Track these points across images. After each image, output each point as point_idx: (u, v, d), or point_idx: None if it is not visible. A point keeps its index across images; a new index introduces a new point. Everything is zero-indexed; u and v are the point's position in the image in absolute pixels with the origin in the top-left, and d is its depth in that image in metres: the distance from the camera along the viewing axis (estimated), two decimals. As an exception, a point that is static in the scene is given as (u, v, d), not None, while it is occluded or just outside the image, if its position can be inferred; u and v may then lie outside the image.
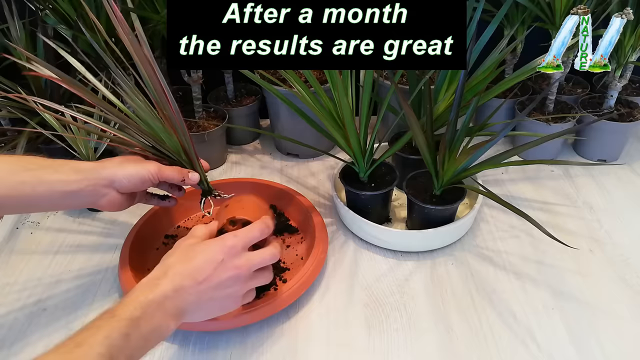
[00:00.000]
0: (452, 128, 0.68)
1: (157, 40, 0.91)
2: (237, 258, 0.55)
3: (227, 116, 0.96)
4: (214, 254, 0.54)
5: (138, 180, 0.62)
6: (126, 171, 0.61)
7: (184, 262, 0.53)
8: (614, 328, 0.64)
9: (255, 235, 0.58)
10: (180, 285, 0.51)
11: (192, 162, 0.68)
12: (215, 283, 0.53)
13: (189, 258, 0.53)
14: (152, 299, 0.48)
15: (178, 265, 0.52)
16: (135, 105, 0.65)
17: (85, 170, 0.60)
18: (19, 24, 0.86)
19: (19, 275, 0.75)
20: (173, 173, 0.64)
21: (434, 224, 0.73)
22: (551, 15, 0.84)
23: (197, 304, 0.52)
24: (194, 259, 0.53)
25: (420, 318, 0.67)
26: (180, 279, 0.51)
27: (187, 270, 0.52)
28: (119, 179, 0.61)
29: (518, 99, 0.98)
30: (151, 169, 0.62)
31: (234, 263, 0.54)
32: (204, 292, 0.52)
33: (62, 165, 0.59)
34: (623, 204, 0.86)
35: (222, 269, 0.53)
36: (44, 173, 0.57)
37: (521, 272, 0.73)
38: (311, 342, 0.64)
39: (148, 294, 0.49)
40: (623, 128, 0.91)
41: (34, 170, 0.57)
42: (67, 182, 0.58)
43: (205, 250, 0.54)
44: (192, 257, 0.53)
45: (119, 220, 0.85)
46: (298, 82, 0.75)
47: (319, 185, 0.93)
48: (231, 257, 0.54)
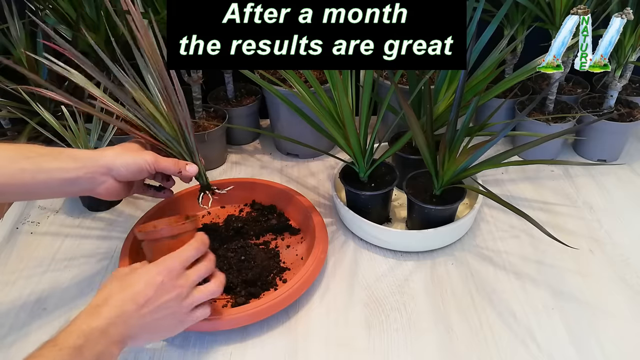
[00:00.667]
0: (452, 128, 0.68)
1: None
2: (176, 278, 0.55)
3: (227, 116, 0.97)
4: (152, 276, 0.54)
5: (135, 169, 0.62)
6: (124, 160, 0.61)
7: (124, 288, 0.53)
8: (614, 328, 0.64)
9: (192, 254, 0.58)
10: (122, 310, 0.51)
11: (191, 154, 0.68)
12: (157, 305, 0.53)
13: (128, 284, 0.53)
14: (95, 326, 0.49)
15: (118, 292, 0.52)
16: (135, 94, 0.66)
17: (83, 159, 0.60)
18: (19, 24, 0.86)
19: (19, 275, 0.75)
20: (169, 164, 0.65)
21: (434, 224, 0.73)
22: (551, 15, 0.84)
23: (140, 328, 0.52)
24: (133, 284, 0.53)
25: (420, 318, 0.67)
26: (122, 304, 0.51)
27: (128, 296, 0.52)
28: (116, 167, 0.61)
29: (518, 99, 0.98)
30: (148, 158, 0.62)
31: (173, 283, 0.55)
32: (147, 315, 0.53)
33: (60, 153, 0.60)
34: (623, 204, 0.86)
35: (162, 290, 0.54)
36: (43, 161, 0.58)
37: (521, 272, 0.73)
38: (311, 342, 0.64)
39: (91, 322, 0.49)
40: (623, 128, 0.91)
41: (33, 158, 0.58)
42: (66, 169, 0.59)
43: (143, 274, 0.54)
44: (131, 283, 0.53)
45: (119, 220, 0.85)
46: (298, 82, 0.75)
47: (319, 185, 0.93)
48: (170, 278, 0.55)
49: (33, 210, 0.88)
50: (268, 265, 0.72)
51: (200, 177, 0.70)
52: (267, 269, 0.72)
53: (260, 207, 0.85)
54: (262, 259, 0.72)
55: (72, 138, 0.79)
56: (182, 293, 0.55)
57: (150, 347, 0.64)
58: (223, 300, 0.68)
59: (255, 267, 0.70)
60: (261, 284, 0.70)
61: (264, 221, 0.81)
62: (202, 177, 0.70)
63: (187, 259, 0.57)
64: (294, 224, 0.82)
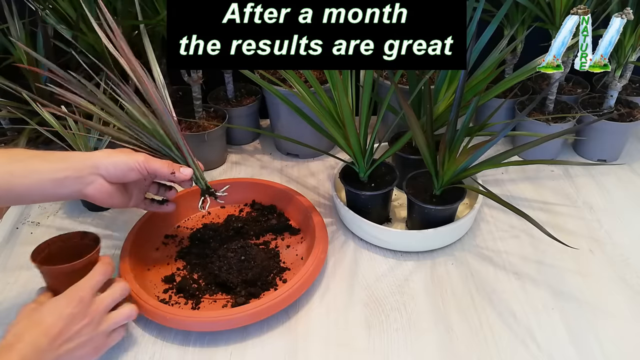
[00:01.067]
0: (452, 128, 0.68)
1: (157, 40, 0.91)
2: (88, 306, 0.55)
3: (227, 116, 0.97)
4: (61, 309, 0.54)
5: (125, 167, 0.61)
6: (113, 159, 0.61)
7: (35, 324, 0.52)
8: (614, 328, 0.64)
9: (99, 279, 0.58)
10: (36, 346, 0.51)
11: (184, 158, 0.68)
12: (69, 336, 0.53)
13: (38, 320, 0.53)
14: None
15: (29, 328, 0.52)
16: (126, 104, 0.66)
17: (71, 158, 0.60)
18: (19, 24, 0.86)
19: (18, 275, 0.75)
20: (161, 165, 0.63)
21: (434, 224, 0.73)
22: (551, 15, 0.84)
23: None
24: (44, 319, 0.53)
25: (420, 318, 0.67)
26: (35, 340, 0.51)
27: (40, 331, 0.52)
28: (104, 165, 0.60)
29: (518, 99, 0.98)
30: (139, 158, 0.61)
31: (84, 312, 0.55)
32: (61, 347, 0.52)
33: (50, 154, 0.60)
34: (623, 204, 0.86)
35: (74, 320, 0.54)
36: (33, 162, 0.58)
37: (521, 272, 0.73)
38: (311, 342, 0.64)
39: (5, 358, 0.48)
40: (623, 128, 0.91)
41: (22, 161, 0.57)
42: (55, 170, 0.58)
43: (52, 308, 0.54)
44: (41, 318, 0.53)
45: (119, 220, 0.85)
46: (298, 82, 0.75)
47: (319, 185, 0.93)
48: (81, 308, 0.55)
49: (33, 210, 0.88)
50: (268, 265, 0.72)
51: (198, 181, 0.70)
52: (267, 269, 0.72)
53: (260, 207, 0.85)
54: (262, 259, 0.72)
55: (72, 138, 0.79)
56: (95, 319, 0.56)
57: (150, 348, 0.64)
58: (223, 301, 0.68)
59: (255, 267, 0.70)
60: (261, 284, 0.70)
61: (264, 221, 0.82)
62: (201, 181, 0.70)
63: (96, 285, 0.57)
64: (294, 224, 0.82)
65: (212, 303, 0.68)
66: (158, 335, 0.65)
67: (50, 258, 0.62)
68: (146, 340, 0.65)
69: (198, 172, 0.69)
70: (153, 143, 0.66)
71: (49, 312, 0.53)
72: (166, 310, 0.63)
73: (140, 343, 0.64)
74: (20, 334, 0.51)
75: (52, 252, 0.63)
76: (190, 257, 0.75)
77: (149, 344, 0.64)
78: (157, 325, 0.66)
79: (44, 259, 0.62)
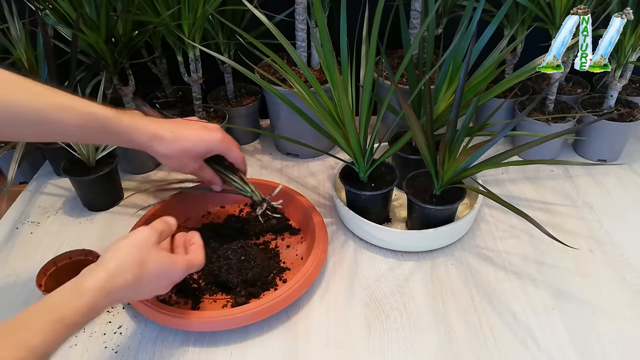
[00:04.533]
0: (452, 128, 0.68)
1: (157, 40, 0.91)
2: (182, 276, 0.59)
3: (227, 116, 0.96)
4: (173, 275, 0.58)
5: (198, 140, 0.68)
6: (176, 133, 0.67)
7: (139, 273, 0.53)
8: (614, 328, 0.64)
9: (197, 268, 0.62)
10: (124, 295, 0.53)
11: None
12: (152, 289, 0.57)
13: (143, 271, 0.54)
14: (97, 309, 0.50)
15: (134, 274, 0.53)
16: None
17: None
18: (19, 24, 0.86)
19: (18, 275, 0.75)
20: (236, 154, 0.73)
21: (434, 224, 0.73)
22: (551, 15, 0.84)
23: (126, 299, 0.59)
24: (150, 276, 0.55)
25: (420, 318, 0.67)
26: (128, 290, 0.53)
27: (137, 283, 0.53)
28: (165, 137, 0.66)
29: (518, 99, 0.98)
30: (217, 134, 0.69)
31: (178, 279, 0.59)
32: (137, 292, 0.55)
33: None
34: (623, 204, 0.86)
35: (167, 283, 0.58)
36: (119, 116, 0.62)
37: (521, 272, 0.73)
38: (311, 342, 0.64)
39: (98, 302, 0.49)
40: (623, 128, 0.91)
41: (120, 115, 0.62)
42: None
43: (165, 267, 0.56)
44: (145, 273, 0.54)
45: (119, 221, 0.85)
46: (298, 82, 0.75)
47: (319, 185, 0.93)
48: (180, 277, 0.59)
49: (33, 210, 0.88)
50: (268, 265, 0.72)
51: (253, 194, 0.75)
52: (267, 269, 0.72)
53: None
54: (262, 259, 0.72)
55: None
56: (168, 288, 0.59)
57: (150, 348, 0.64)
58: (223, 300, 0.68)
59: (255, 267, 0.70)
60: (261, 284, 0.70)
61: (264, 221, 0.81)
62: (256, 194, 0.75)
63: (190, 272, 0.61)
64: (294, 224, 0.82)
65: (212, 303, 0.68)
66: (158, 335, 0.65)
67: (57, 276, 0.66)
68: (146, 340, 0.65)
69: (251, 188, 0.75)
70: None
71: (160, 269, 0.56)
72: (166, 310, 0.63)
73: (140, 343, 0.64)
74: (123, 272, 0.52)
75: (59, 270, 0.68)
76: (190, 257, 0.75)
77: (149, 344, 0.64)
78: (157, 325, 0.66)
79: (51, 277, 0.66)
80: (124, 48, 0.84)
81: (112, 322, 0.67)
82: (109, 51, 0.82)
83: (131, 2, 0.80)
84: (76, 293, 0.49)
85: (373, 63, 0.72)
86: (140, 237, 0.56)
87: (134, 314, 0.68)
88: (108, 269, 0.51)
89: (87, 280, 0.50)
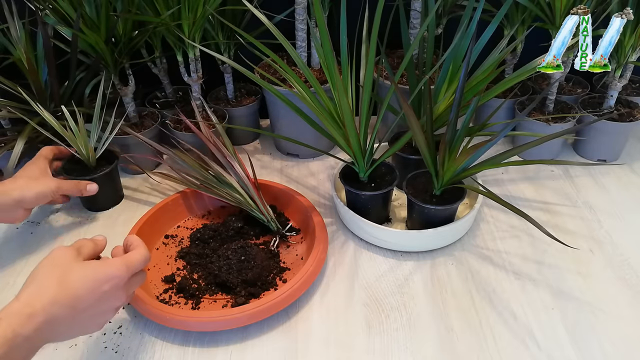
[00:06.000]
0: (452, 128, 0.68)
1: (157, 40, 0.91)
2: (121, 288, 0.53)
3: (227, 116, 0.96)
4: (100, 283, 0.50)
5: (43, 197, 0.74)
6: (33, 191, 0.73)
7: (64, 287, 0.48)
8: (614, 328, 0.64)
9: (140, 266, 0.55)
10: (56, 316, 0.47)
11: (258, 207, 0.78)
12: (93, 312, 0.51)
13: (70, 284, 0.49)
14: (22, 334, 0.45)
15: (56, 288, 0.48)
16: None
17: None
18: (19, 24, 0.86)
19: (18, 275, 0.75)
20: (71, 186, 0.78)
21: (434, 224, 0.73)
22: (551, 15, 0.84)
23: (67, 331, 0.50)
24: (76, 286, 0.49)
25: (420, 318, 0.67)
26: (58, 309, 0.47)
27: (67, 300, 0.48)
28: (29, 199, 0.72)
29: (518, 99, 0.98)
30: (52, 186, 0.74)
31: (115, 293, 0.52)
32: (78, 320, 0.50)
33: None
34: (623, 204, 0.86)
35: (104, 298, 0.51)
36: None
37: (521, 272, 0.73)
38: (311, 342, 0.64)
39: (18, 328, 0.45)
40: (623, 128, 0.91)
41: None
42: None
43: (89, 276, 0.50)
44: (73, 283, 0.49)
45: (119, 220, 0.85)
46: (298, 82, 0.75)
47: (319, 185, 0.93)
48: (116, 289, 0.52)
49: (33, 210, 0.88)
50: (268, 265, 0.72)
51: (270, 224, 0.78)
52: (267, 269, 0.72)
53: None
54: (262, 259, 0.72)
55: (72, 138, 0.79)
56: (121, 299, 0.53)
57: (150, 348, 0.64)
58: (223, 301, 0.68)
59: (255, 267, 0.70)
60: (261, 284, 0.70)
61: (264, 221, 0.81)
62: (272, 224, 0.77)
63: (135, 269, 0.54)
64: (294, 224, 0.82)
65: (212, 303, 0.68)
66: (158, 335, 0.65)
67: None
68: (146, 340, 0.65)
69: (269, 217, 0.77)
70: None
71: (86, 280, 0.49)
72: (166, 310, 0.63)
73: (140, 343, 0.64)
74: (44, 292, 0.47)
75: None
76: (190, 257, 0.75)
77: (148, 344, 0.64)
78: (157, 325, 0.66)
79: None
80: (124, 48, 0.84)
81: (112, 322, 0.67)
82: (109, 51, 0.82)
83: (131, 2, 0.80)
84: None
85: (373, 63, 0.72)
86: (53, 256, 0.51)
87: (134, 314, 0.68)
88: (20, 297, 0.47)
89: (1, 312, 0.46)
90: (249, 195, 0.78)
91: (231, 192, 0.79)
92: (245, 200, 0.77)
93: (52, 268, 0.50)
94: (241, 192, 0.78)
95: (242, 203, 0.78)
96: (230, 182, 0.78)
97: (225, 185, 0.79)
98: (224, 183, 0.79)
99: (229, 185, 0.78)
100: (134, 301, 0.65)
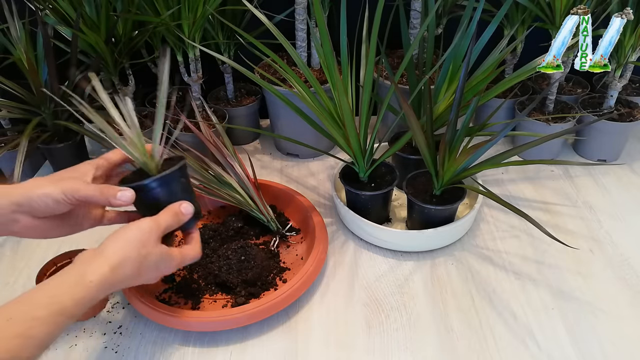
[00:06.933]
0: (452, 128, 0.68)
1: (157, 41, 0.91)
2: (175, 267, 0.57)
3: (227, 116, 0.96)
4: (166, 267, 0.56)
5: (51, 201, 0.52)
6: (38, 192, 0.52)
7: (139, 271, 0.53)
8: (614, 328, 0.64)
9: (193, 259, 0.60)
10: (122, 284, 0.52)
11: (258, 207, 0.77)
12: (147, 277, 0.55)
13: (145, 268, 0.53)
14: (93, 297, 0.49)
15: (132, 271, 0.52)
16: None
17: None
18: (19, 24, 0.86)
19: (18, 275, 0.75)
20: (93, 192, 0.54)
21: (434, 224, 0.73)
22: (551, 15, 0.84)
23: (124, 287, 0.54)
24: (149, 269, 0.54)
25: (420, 318, 0.67)
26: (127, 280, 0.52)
27: (135, 277, 0.53)
28: (28, 201, 0.52)
29: (518, 99, 0.98)
30: (65, 188, 0.52)
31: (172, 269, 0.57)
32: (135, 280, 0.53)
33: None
34: (623, 204, 0.86)
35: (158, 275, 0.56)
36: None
37: (521, 272, 0.73)
38: (311, 342, 0.64)
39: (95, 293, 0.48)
40: (623, 128, 0.91)
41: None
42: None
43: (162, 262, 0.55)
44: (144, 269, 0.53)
45: (119, 220, 0.85)
46: (298, 82, 0.75)
47: (319, 185, 0.93)
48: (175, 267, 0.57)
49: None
50: (268, 265, 0.72)
51: (269, 224, 0.77)
52: (267, 269, 0.72)
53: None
54: (262, 259, 0.72)
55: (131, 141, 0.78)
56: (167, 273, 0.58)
57: (150, 348, 0.64)
58: (223, 300, 0.68)
59: (255, 267, 0.70)
60: (261, 284, 0.70)
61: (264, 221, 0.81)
62: (272, 224, 0.77)
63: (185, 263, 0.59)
64: (294, 224, 0.82)
65: (212, 303, 0.68)
66: (158, 335, 0.65)
67: None
68: (146, 340, 0.65)
69: (269, 217, 0.77)
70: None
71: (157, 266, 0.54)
72: (166, 310, 0.63)
73: (140, 343, 0.64)
74: (123, 268, 0.51)
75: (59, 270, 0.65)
76: (190, 257, 0.75)
77: (148, 344, 0.64)
78: (157, 325, 0.66)
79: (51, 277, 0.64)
80: (124, 48, 0.84)
81: (112, 322, 0.67)
82: (109, 51, 0.82)
83: (131, 2, 0.80)
84: (79, 286, 0.47)
85: (373, 63, 0.72)
86: (144, 231, 0.53)
87: (134, 314, 0.68)
88: (111, 264, 0.50)
89: (90, 273, 0.49)
90: (249, 196, 0.78)
91: (231, 192, 0.78)
92: (245, 200, 0.77)
93: (140, 245, 0.53)
94: (241, 192, 0.77)
95: (242, 203, 0.78)
96: (230, 182, 0.78)
97: (225, 185, 0.79)
98: (224, 183, 0.79)
99: (228, 185, 0.78)
100: (134, 301, 0.65)
